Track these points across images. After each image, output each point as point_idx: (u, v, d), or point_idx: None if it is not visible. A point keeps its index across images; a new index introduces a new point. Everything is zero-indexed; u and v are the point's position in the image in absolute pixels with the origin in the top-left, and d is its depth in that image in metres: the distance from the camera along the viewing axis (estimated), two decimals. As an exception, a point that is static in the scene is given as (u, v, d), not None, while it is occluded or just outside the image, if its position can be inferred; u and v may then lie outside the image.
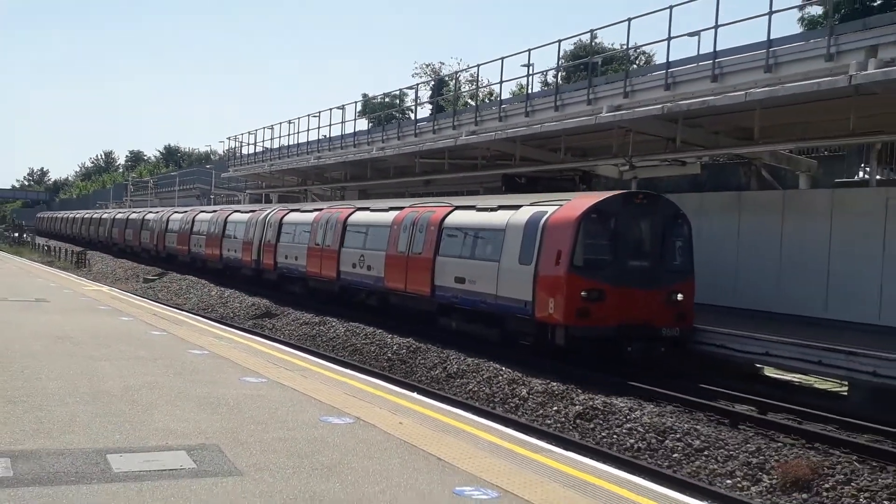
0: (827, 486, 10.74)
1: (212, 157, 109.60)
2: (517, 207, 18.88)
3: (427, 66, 78.39)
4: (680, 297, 17.05)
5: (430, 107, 57.90)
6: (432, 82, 67.85)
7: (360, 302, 26.36)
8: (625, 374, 16.34)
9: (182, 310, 27.35)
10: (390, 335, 21.98)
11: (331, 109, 42.63)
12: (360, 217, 26.89)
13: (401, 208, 24.39)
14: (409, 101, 59.75)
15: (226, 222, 39.05)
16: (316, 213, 29.91)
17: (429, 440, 9.39)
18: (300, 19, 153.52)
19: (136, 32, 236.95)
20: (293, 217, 32.23)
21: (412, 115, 47.04)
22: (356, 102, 48.71)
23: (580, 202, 17.41)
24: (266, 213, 34.80)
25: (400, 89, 62.91)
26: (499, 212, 19.60)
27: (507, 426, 12.08)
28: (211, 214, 42.32)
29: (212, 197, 68.00)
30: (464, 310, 20.34)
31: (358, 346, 22.12)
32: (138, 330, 18.29)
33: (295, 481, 7.53)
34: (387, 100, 55.37)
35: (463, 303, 20.14)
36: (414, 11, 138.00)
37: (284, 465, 8.04)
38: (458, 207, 21.71)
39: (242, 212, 39.11)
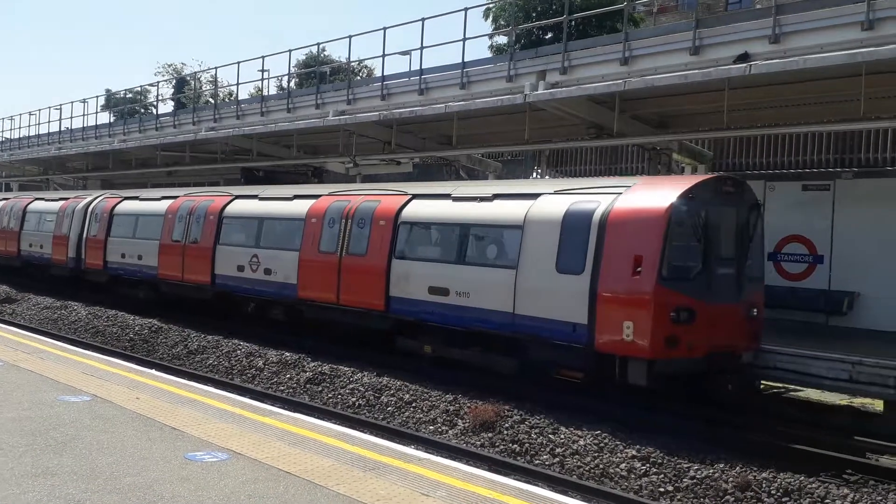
0: (507, 425, 11.40)
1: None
2: (533, 196, 12.82)
3: (169, 66, 74.00)
4: (755, 311, 12.13)
5: (172, 103, 54.83)
6: (174, 81, 64.14)
7: (250, 314, 18.77)
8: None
9: (-88, 298, 23.93)
10: (133, 317, 20.58)
11: (72, 102, 39.06)
12: (245, 207, 18.85)
13: (315, 196, 16.92)
14: (151, 98, 56.14)
15: (25, 212, 28.89)
16: (169, 202, 21.27)
17: (165, 412, 9.01)
18: (46, 13, 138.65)
19: None
20: (130, 206, 23.09)
21: (154, 111, 44.31)
22: (98, 97, 45.04)
23: (659, 188, 11.71)
24: (87, 201, 25.27)
25: (142, 86, 59.08)
26: (497, 202, 13.43)
27: (243, 395, 11.85)
28: (1, 203, 31.97)
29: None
30: (446, 330, 13.71)
31: (100, 329, 20.47)
32: None
33: (27, 458, 6.94)
34: (130, 95, 51.80)
35: (445, 321, 13.54)
36: (156, 13, 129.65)
37: (17, 443, 7.38)
38: (417, 196, 14.82)
39: (49, 199, 28.95)
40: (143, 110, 45.17)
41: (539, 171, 20.93)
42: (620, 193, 11.76)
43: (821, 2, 13.02)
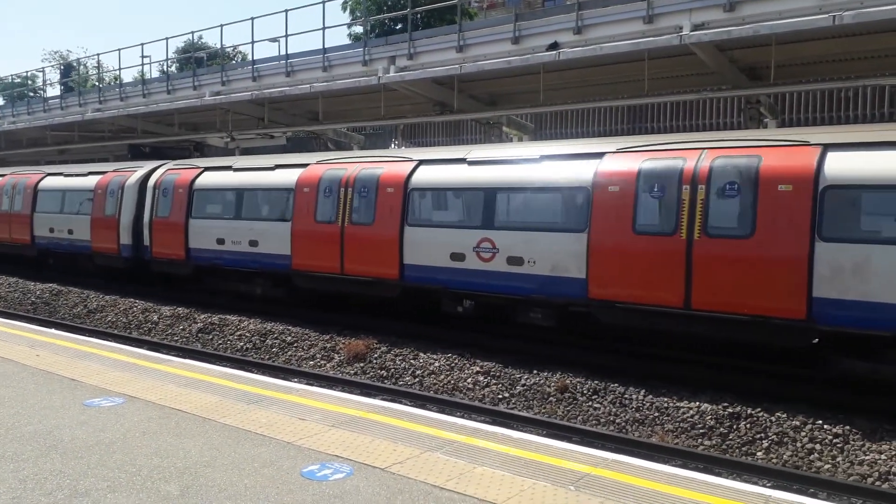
0: (376, 356, 11.51)
1: None
2: None
3: (55, 52, 67.31)
4: None
5: (60, 87, 50.00)
6: (62, 67, 58.42)
7: (461, 315, 11.65)
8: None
9: None
10: (33, 282, 18.99)
11: (-42, 87, 34.77)
12: (449, 175, 11.63)
13: (594, 155, 10.18)
14: (40, 82, 50.95)
15: (36, 190, 19.93)
16: (299, 172, 13.57)
17: (64, 366, 8.40)
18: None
19: None
20: (222, 179, 15.13)
21: (43, 95, 40.26)
22: (-15, 81, 40.34)
23: None
24: (141, 174, 17.07)
25: (28, 71, 53.62)
26: None
27: (140, 347, 11.24)
28: None
29: None
30: None
31: (1, 294, 18.72)
32: None
33: (-74, 419, 6.28)
34: (19, 80, 46.73)
35: None
36: (42, 6, 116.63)
37: (-84, 406, 6.66)
38: (842, 146, 8.38)
39: (70, 174, 19.73)
40: (31, 94, 40.86)
41: (396, 142, 20.79)
42: None
43: (613, -1, 13.53)
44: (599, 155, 10.08)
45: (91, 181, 18.37)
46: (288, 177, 13.71)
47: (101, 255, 17.82)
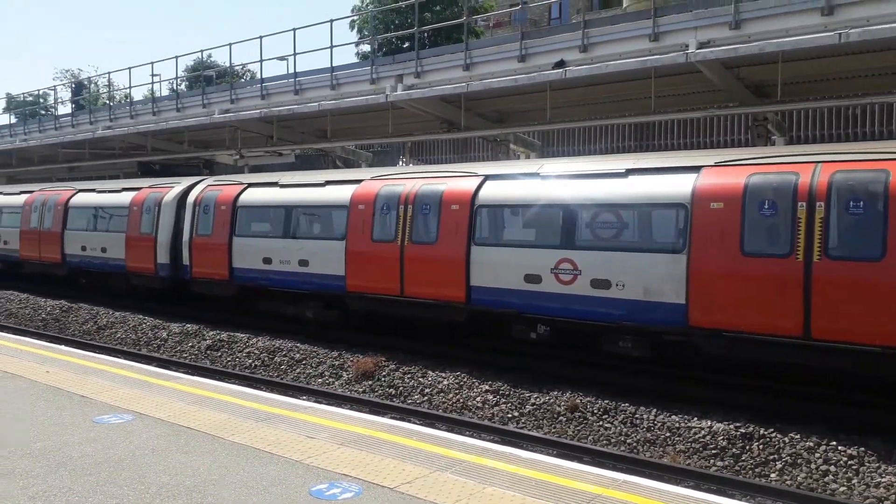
0: (384, 373, 11.46)
1: None
2: None
3: (67, 71, 68.27)
4: None
5: (71, 105, 50.65)
6: (73, 85, 59.20)
7: (535, 342, 10.82)
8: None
9: None
10: (43, 299, 19.05)
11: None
12: (520, 190, 10.88)
13: (686, 168, 9.36)
14: (51, 100, 51.68)
15: (67, 207, 19.16)
16: (353, 189, 12.81)
17: (74, 382, 8.41)
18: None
19: None
20: (270, 195, 14.41)
21: (54, 113, 40.76)
22: (-1, 99, 40.84)
23: None
24: (179, 190, 16.28)
25: (40, 90, 54.36)
26: None
27: (149, 363, 11.25)
28: (19, 196, 21.45)
29: None
30: None
31: (13, 311, 18.79)
32: None
33: (-63, 436, 6.28)
34: (31, 98, 47.45)
35: None
36: (52, 24, 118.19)
37: (-74, 423, 6.67)
38: None
39: (103, 191, 18.91)
40: (43, 112, 41.33)
41: (404, 159, 20.87)
42: None
43: (618, 17, 13.59)
44: (695, 169, 9.19)
45: (125, 197, 17.49)
46: (341, 193, 12.93)
47: (136, 274, 16.98)
